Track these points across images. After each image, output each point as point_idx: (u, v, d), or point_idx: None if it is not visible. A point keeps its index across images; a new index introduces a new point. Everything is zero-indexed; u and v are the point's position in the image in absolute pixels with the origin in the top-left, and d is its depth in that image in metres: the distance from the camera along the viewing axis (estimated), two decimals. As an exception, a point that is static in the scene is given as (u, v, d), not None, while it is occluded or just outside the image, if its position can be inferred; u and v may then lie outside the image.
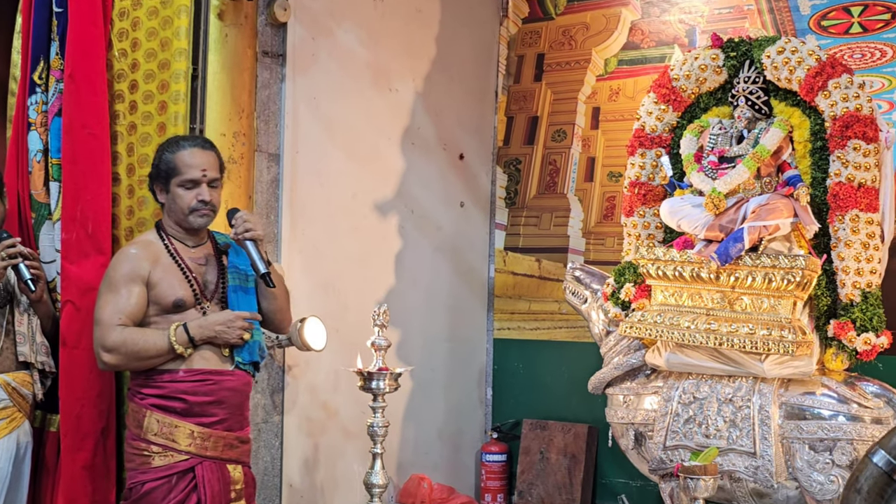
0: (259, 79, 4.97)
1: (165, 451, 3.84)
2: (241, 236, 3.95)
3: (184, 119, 4.48)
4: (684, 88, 4.81)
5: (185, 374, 3.87)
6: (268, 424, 5.02)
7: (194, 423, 3.87)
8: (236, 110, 4.78)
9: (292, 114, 5.17)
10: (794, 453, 4.28)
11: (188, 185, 3.93)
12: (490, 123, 6.44)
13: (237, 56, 4.79)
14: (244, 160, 4.82)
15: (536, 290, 6.25)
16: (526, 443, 6.05)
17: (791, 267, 4.24)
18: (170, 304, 3.89)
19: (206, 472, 3.87)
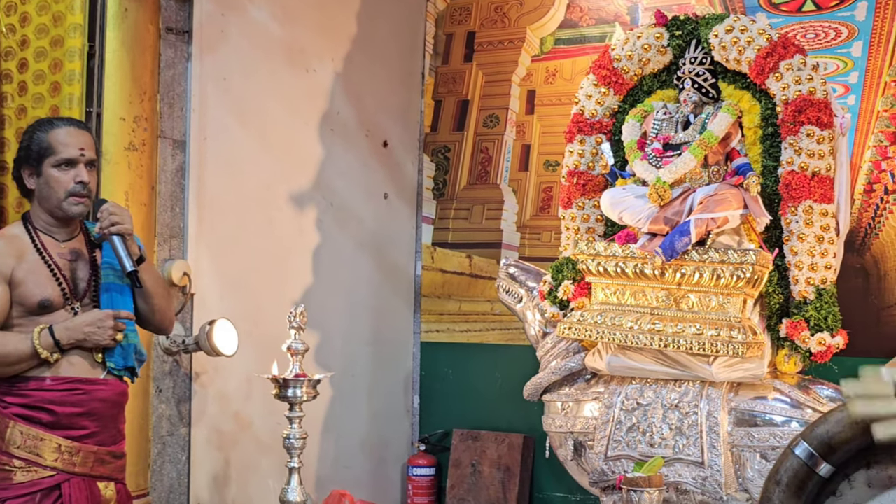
0: (163, 58, 4.92)
1: (29, 465, 3.74)
2: (106, 230, 3.83)
3: (79, 102, 4.41)
4: (626, 70, 4.83)
5: (52, 383, 3.77)
6: (174, 437, 4.97)
7: (62, 437, 3.78)
8: (137, 92, 4.71)
9: (199, 96, 5.12)
10: (744, 462, 4.32)
11: (64, 166, 3.81)
12: (416, 108, 6.43)
13: (138, 33, 4.72)
14: (146, 147, 4.76)
15: (467, 289, 6.25)
16: (456, 455, 6.06)
17: (741, 262, 4.27)
18: (35, 305, 3.77)
19: (73, 490, 3.77)
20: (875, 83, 5.18)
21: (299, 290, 5.65)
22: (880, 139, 5.16)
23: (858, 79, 5.20)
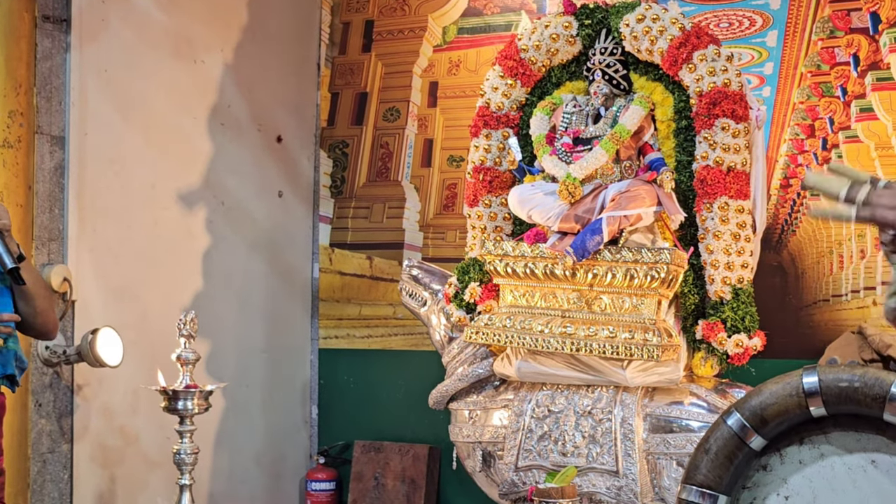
0: (39, 48, 4.84)
1: None
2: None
3: (-57, 94, 4.35)
4: (534, 61, 4.86)
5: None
6: (55, 455, 4.90)
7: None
8: (12, 85, 4.66)
9: (79, 89, 5.05)
10: (660, 470, 4.37)
11: None
12: (312, 101, 6.42)
13: (12, 21, 4.68)
14: (22, 144, 4.71)
15: (368, 293, 6.25)
16: (358, 467, 6.05)
17: (655, 262, 4.32)
18: None
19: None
20: (791, 74, 5.27)
21: (189, 296, 5.60)
22: (797, 132, 5.25)
23: (774, 69, 5.29)
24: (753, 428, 2.03)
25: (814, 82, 5.23)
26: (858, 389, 1.95)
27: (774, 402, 2.01)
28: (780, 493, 2.03)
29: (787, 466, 2.05)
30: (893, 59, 5.08)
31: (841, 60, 5.17)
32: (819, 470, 2.02)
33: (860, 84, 5.13)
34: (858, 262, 5.13)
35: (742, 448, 2.05)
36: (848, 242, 5.15)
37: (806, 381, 1.98)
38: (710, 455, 2.07)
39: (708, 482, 2.07)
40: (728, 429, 2.05)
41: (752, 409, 2.03)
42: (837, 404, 1.97)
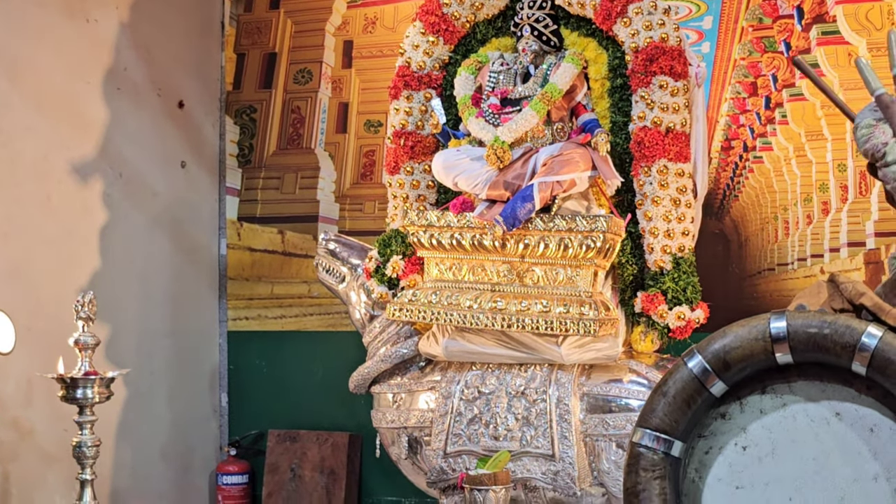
0: (-84, 6, 4.79)
1: None
2: None
3: None
4: (457, 16, 4.85)
5: None
6: (-59, 451, 4.87)
7: None
8: None
9: (-39, 53, 5.02)
10: (599, 453, 4.41)
11: None
12: (216, 62, 6.40)
13: None
14: None
15: (280, 270, 6.26)
16: (272, 458, 6.06)
17: (590, 230, 4.34)
18: None
19: None
20: (731, 28, 5.32)
21: (86, 277, 5.56)
22: (738, 90, 5.31)
23: (713, 24, 5.34)
24: (715, 372, 2.06)
25: (755, 37, 5.28)
26: (828, 336, 1.98)
27: (739, 345, 2.04)
28: (738, 443, 2.07)
29: (746, 415, 2.09)
30: (840, 12, 5.14)
31: (784, 13, 5.23)
32: (780, 420, 2.06)
33: (805, 38, 5.20)
34: (805, 228, 5.20)
35: (702, 392, 2.08)
36: (793, 207, 5.22)
37: (774, 325, 2.01)
38: (667, 398, 2.10)
39: (663, 426, 2.10)
40: (688, 371, 2.08)
41: (715, 352, 2.06)
42: (805, 352, 2.00)
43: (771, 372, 2.02)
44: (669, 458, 2.08)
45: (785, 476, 2.03)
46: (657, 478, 2.08)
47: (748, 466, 2.05)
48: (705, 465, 2.09)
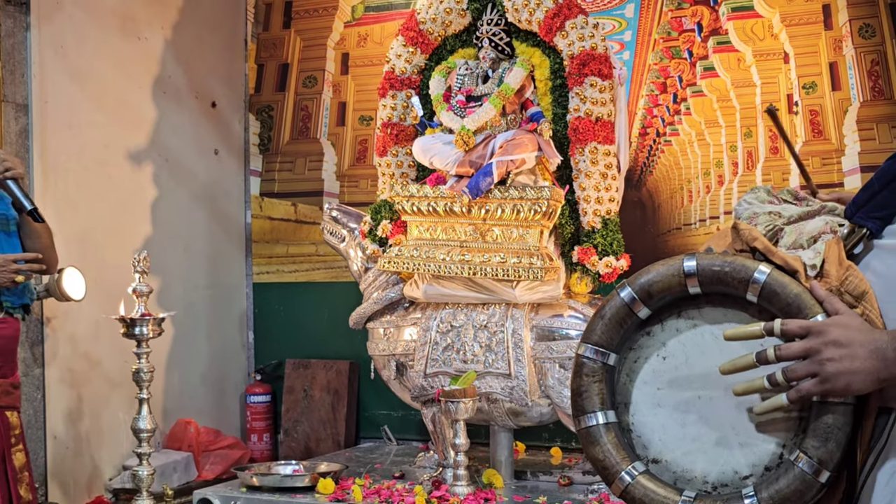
0: (2, 27, 4.76)
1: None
2: (1, 176, 3.76)
3: (-78, 68, 4.25)
4: (431, 31, 4.85)
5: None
6: (28, 378, 4.85)
7: (-33, 373, 3.70)
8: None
9: (39, 63, 4.98)
10: (545, 372, 4.42)
11: None
12: (241, 71, 6.35)
13: (-23, 3, 4.56)
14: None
15: (294, 234, 6.24)
16: (289, 382, 6.06)
17: (537, 198, 4.35)
18: (-74, 253, 3.68)
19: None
20: (646, 40, 5.32)
21: (140, 240, 5.55)
22: (651, 89, 5.32)
23: (632, 37, 5.34)
24: (641, 300, 2.08)
25: (665, 47, 5.29)
26: (728, 273, 2.00)
27: (659, 280, 2.06)
28: (659, 354, 2.09)
29: (666, 333, 2.10)
30: (731, 27, 5.15)
31: (687, 28, 5.24)
32: (692, 337, 2.07)
33: (703, 47, 5.21)
34: (705, 196, 5.22)
35: (631, 316, 2.09)
36: (696, 180, 5.24)
37: (686, 264, 2.04)
38: (604, 320, 2.12)
39: (602, 342, 2.13)
40: (620, 300, 2.10)
41: (640, 284, 2.08)
42: (710, 284, 2.03)
43: (685, 300, 2.05)
44: (606, 367, 2.10)
45: (695, 378, 2.06)
46: (596, 381, 2.10)
47: (667, 371, 2.08)
48: (634, 371, 2.11)
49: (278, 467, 4.89)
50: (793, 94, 5.03)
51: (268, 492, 4.54)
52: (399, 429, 5.80)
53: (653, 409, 2.06)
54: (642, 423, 2.06)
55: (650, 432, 2.05)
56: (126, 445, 5.22)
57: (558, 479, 4.59)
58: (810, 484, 1.87)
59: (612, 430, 2.06)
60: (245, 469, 4.80)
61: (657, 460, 2.03)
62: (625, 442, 2.06)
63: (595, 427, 2.05)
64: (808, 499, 1.89)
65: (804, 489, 1.88)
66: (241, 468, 4.87)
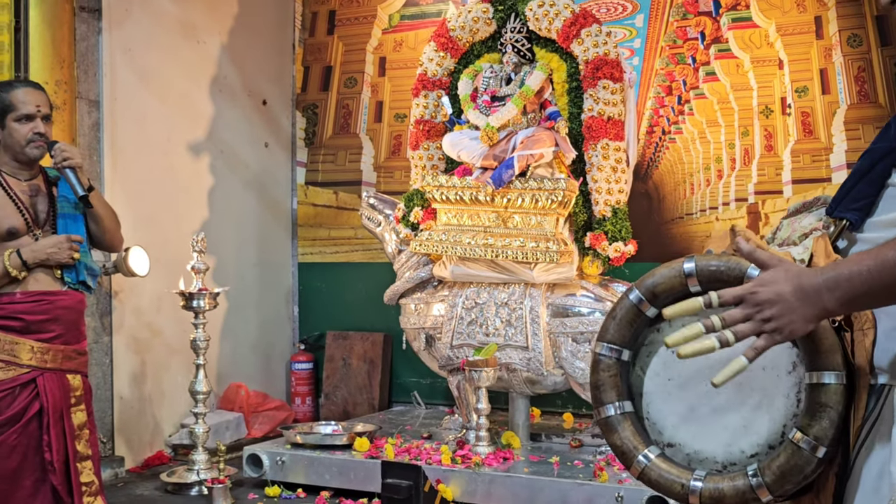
0: (77, 31, 4.76)
1: (8, 365, 3.67)
2: (60, 165, 3.77)
3: (9, 68, 4.28)
4: (460, 38, 4.83)
5: (21, 296, 3.71)
6: (98, 345, 4.87)
7: (34, 340, 3.71)
8: (58, 60, 4.57)
9: (110, 64, 4.98)
10: (559, 345, 4.41)
11: (24, 120, 3.73)
12: (289, 72, 6.34)
13: (56, 10, 4.58)
14: (67, 106, 4.64)
15: (335, 219, 6.23)
16: (330, 351, 6.07)
17: (554, 189, 4.34)
18: (3, 233, 3.69)
19: (47, 382, 3.73)
20: (654, 47, 5.28)
21: (198, 223, 5.55)
22: (658, 91, 5.28)
23: (641, 44, 5.30)
24: (648, 301, 2.06)
25: (671, 53, 5.24)
26: (723, 272, 1.97)
27: (663, 281, 2.04)
28: (667, 349, 2.07)
29: (673, 328, 2.08)
30: (731, 36, 5.10)
31: (691, 36, 5.19)
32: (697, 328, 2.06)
33: (706, 54, 5.16)
34: (705, 189, 5.18)
35: (640, 315, 2.07)
36: (697, 174, 5.20)
37: (686, 266, 2.01)
38: (616, 320, 2.10)
39: (615, 340, 2.10)
40: (630, 301, 2.08)
41: (647, 286, 2.06)
42: (708, 283, 2.00)
43: (687, 298, 2.02)
44: (620, 362, 2.08)
45: (701, 368, 2.03)
46: (612, 376, 2.08)
47: (675, 363, 2.05)
48: (646, 365, 2.09)
49: (319, 427, 4.89)
50: (786, 97, 4.99)
51: (310, 449, 4.57)
52: (427, 394, 5.81)
53: (665, 398, 2.05)
54: (656, 410, 2.05)
55: (663, 419, 2.04)
56: (184, 406, 5.22)
57: (570, 441, 4.58)
58: (808, 459, 1.85)
59: (628, 419, 2.04)
60: (289, 428, 4.82)
61: (671, 444, 2.02)
62: (641, 429, 2.04)
63: (613, 417, 2.04)
64: (808, 472, 1.87)
65: (803, 464, 1.86)
66: (286, 427, 4.89)
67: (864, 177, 1.92)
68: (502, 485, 4.08)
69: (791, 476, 1.86)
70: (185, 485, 4.57)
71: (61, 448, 3.75)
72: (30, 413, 3.70)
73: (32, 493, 3.72)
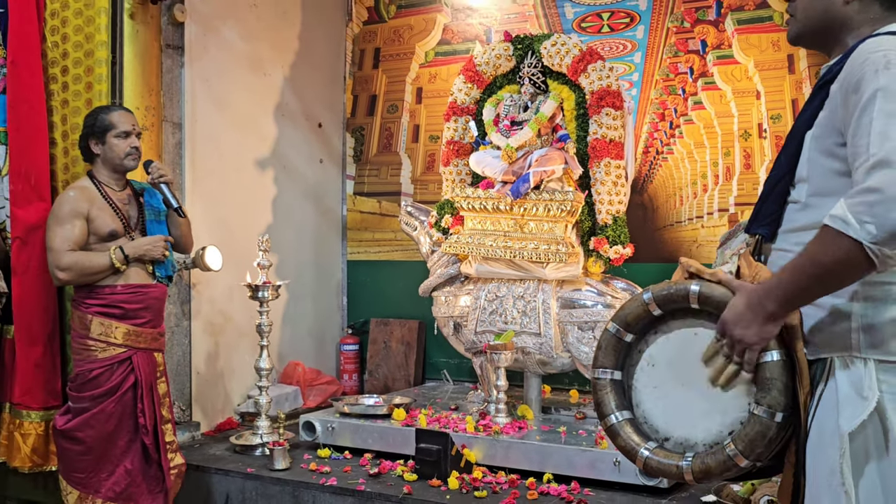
0: (164, 65, 4.81)
1: (108, 346, 3.76)
2: (156, 180, 3.87)
3: (106, 95, 4.30)
4: (485, 72, 4.85)
5: (122, 288, 3.80)
6: (179, 328, 4.93)
7: (129, 324, 3.80)
8: (147, 89, 4.61)
9: (190, 92, 5.03)
10: (567, 332, 4.42)
11: (122, 136, 3.83)
12: (340, 100, 6.37)
13: (146, 47, 4.61)
14: (154, 128, 4.67)
15: (378, 224, 6.26)
16: (373, 335, 6.09)
17: (563, 200, 4.35)
18: (106, 234, 3.79)
19: (139, 360, 3.82)
20: (649, 80, 5.27)
21: (263, 226, 5.59)
22: (652, 117, 5.27)
23: (639, 77, 5.28)
24: (624, 329, 2.14)
25: (664, 85, 5.23)
26: (673, 293, 2.07)
27: (631, 311, 2.13)
28: (648, 363, 2.14)
29: (650, 347, 2.16)
30: (716, 71, 5.09)
31: (682, 71, 5.18)
32: (666, 344, 2.15)
33: (694, 86, 5.15)
34: (692, 200, 5.17)
35: (621, 342, 2.15)
36: (686, 188, 5.18)
37: (644, 296, 2.10)
38: (602, 349, 2.19)
39: (605, 365, 2.18)
40: (609, 333, 2.17)
41: (620, 318, 2.16)
42: (665, 305, 2.08)
43: (655, 321, 2.09)
44: (613, 381, 2.16)
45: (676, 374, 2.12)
46: (608, 393, 2.16)
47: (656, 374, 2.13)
48: (636, 379, 2.16)
49: (363, 399, 4.92)
50: (762, 123, 4.96)
51: (355, 418, 4.59)
52: (455, 373, 5.82)
53: (654, 403, 2.11)
54: (649, 413, 2.12)
55: (655, 419, 2.11)
56: (250, 380, 5.27)
57: (575, 414, 4.59)
58: (768, 425, 1.90)
59: (628, 424, 2.12)
60: (338, 400, 4.85)
61: (667, 438, 2.08)
62: (640, 430, 2.11)
63: (615, 424, 2.13)
64: (772, 436, 1.91)
65: (765, 430, 1.91)
66: (336, 399, 4.92)
67: (768, 198, 2.01)
68: (518, 450, 4.10)
69: (758, 441, 1.91)
70: (250, 446, 4.61)
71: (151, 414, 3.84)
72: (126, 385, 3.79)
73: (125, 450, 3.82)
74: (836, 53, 2.01)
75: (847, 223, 1.69)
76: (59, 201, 3.84)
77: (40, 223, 4.10)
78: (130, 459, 3.79)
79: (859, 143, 1.77)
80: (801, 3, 2.05)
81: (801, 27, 2.06)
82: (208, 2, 4.87)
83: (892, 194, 1.65)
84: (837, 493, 1.81)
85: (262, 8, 5.62)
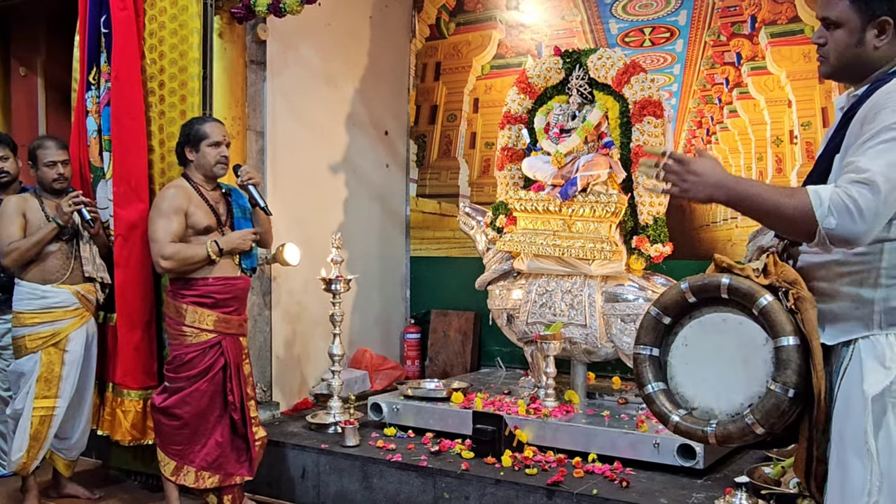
0: (248, 79, 4.91)
1: (200, 332, 3.88)
2: (245, 182, 3.98)
3: (198, 107, 4.41)
4: (536, 84, 4.87)
5: (213, 280, 3.90)
6: (261, 317, 5.04)
7: (220, 312, 3.91)
8: (233, 101, 4.73)
9: (271, 104, 5.11)
10: (610, 324, 4.43)
11: (214, 145, 3.94)
12: (405, 110, 6.43)
13: (233, 63, 4.74)
14: (239, 136, 4.78)
15: (438, 223, 6.31)
16: (434, 325, 6.14)
17: (608, 202, 4.36)
18: (202, 228, 3.90)
19: (228, 344, 3.93)
20: (688, 91, 5.25)
21: (335, 225, 5.67)
22: (691, 125, 5.25)
23: (678, 88, 5.27)
24: (663, 313, 2.22)
25: (702, 95, 5.21)
26: (707, 284, 2.15)
27: (670, 298, 2.22)
28: (682, 343, 2.22)
29: (685, 329, 2.24)
30: (750, 81, 5.06)
31: (718, 82, 5.15)
32: (699, 327, 2.23)
33: (729, 96, 5.12)
34: (729, 202, 5.13)
35: (659, 325, 2.24)
36: (722, 190, 5.15)
37: (682, 286, 2.20)
38: (644, 329, 2.28)
39: (645, 342, 2.29)
40: (651, 315, 2.26)
41: (660, 304, 2.25)
42: (699, 293, 2.17)
43: (689, 307, 2.18)
44: (651, 357, 2.25)
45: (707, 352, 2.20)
46: (647, 366, 2.25)
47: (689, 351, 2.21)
48: (671, 355, 2.25)
49: (425, 383, 4.95)
50: (794, 129, 4.92)
51: (417, 400, 4.65)
52: (508, 360, 5.85)
53: (686, 376, 2.22)
54: (681, 384, 2.22)
55: (686, 390, 2.21)
56: (324, 364, 5.36)
57: (618, 399, 4.60)
58: (782, 399, 2.01)
59: (662, 394, 2.23)
60: (402, 384, 4.91)
61: (695, 407, 2.18)
62: (672, 399, 2.19)
63: (652, 392, 2.24)
64: (784, 408, 2.02)
65: (779, 403, 2.01)
66: (400, 383, 5.00)
67: None
68: (565, 432, 4.13)
69: (773, 412, 2.03)
70: (324, 425, 4.68)
71: (239, 392, 3.95)
72: (217, 367, 3.90)
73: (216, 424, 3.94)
74: (864, 84, 2.07)
75: (821, 205, 1.85)
76: (161, 197, 3.96)
77: (140, 222, 4.25)
78: (220, 432, 3.92)
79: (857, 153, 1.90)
80: (833, 51, 2.11)
81: (832, 70, 2.15)
82: (288, 21, 4.97)
83: (862, 214, 1.81)
84: (862, 451, 1.92)
85: (335, 27, 5.70)
